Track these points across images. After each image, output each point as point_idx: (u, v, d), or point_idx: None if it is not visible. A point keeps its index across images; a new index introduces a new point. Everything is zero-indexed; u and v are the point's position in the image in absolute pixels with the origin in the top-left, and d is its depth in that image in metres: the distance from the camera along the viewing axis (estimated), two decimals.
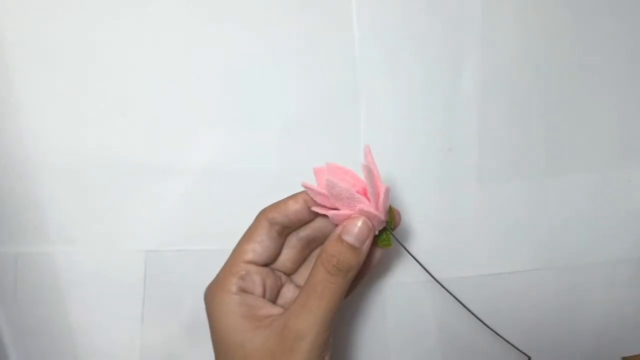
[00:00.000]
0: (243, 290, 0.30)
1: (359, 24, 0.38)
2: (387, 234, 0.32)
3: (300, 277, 0.35)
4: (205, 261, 0.40)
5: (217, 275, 0.32)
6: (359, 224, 0.30)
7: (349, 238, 0.29)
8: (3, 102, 0.37)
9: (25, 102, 0.37)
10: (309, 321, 0.28)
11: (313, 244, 0.34)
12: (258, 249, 0.31)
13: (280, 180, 0.40)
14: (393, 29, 0.38)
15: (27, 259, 0.40)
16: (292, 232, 0.33)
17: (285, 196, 0.34)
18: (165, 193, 0.39)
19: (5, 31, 0.36)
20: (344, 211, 0.30)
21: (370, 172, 0.29)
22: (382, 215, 0.30)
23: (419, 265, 0.34)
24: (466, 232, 0.42)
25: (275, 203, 0.32)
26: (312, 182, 0.32)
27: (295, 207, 0.32)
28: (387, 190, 0.30)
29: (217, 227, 0.40)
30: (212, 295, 0.30)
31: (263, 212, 0.32)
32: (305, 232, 0.33)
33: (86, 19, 0.36)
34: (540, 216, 0.42)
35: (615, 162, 0.42)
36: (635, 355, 0.46)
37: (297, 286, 0.34)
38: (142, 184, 0.39)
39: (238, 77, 0.38)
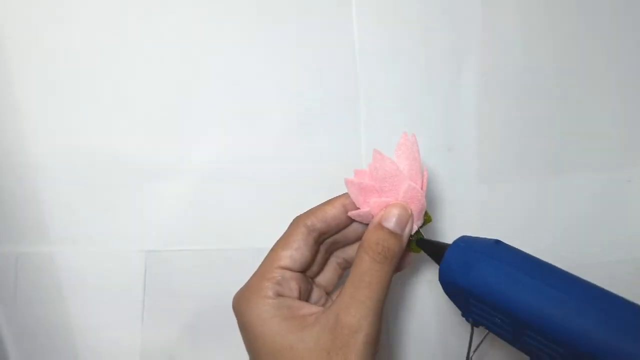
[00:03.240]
0: (280, 295, 0.29)
1: (359, 24, 0.38)
2: (420, 236, 0.32)
3: (323, 279, 0.35)
4: (205, 261, 0.40)
5: (249, 282, 0.30)
6: (397, 210, 0.29)
7: (389, 224, 0.29)
8: (3, 102, 0.37)
9: (25, 102, 0.37)
10: (361, 313, 0.27)
11: (333, 247, 0.34)
12: (295, 255, 0.30)
13: (280, 180, 0.40)
14: (393, 29, 0.38)
15: (27, 259, 0.40)
16: (328, 238, 0.33)
17: (285, 197, 0.34)
18: (165, 193, 0.39)
19: (5, 31, 0.36)
20: (384, 199, 0.30)
21: (416, 148, 0.30)
22: (424, 199, 0.30)
23: (418, 265, 0.34)
24: (465, 232, 0.42)
25: (312, 209, 0.32)
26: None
27: (333, 212, 0.31)
28: (426, 172, 0.31)
29: (217, 227, 0.40)
30: (245, 302, 0.29)
31: (300, 219, 0.31)
32: (332, 236, 0.33)
33: (86, 19, 0.36)
34: (539, 216, 0.42)
35: (615, 162, 0.42)
36: None
37: (319, 288, 0.34)
38: (143, 184, 0.39)
39: (238, 77, 0.38)
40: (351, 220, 0.32)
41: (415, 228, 0.31)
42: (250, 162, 0.39)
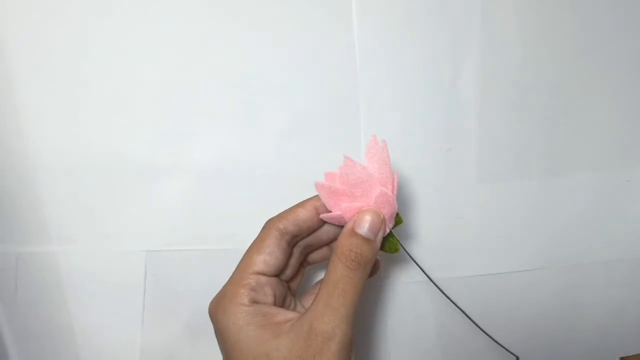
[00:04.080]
0: (255, 302, 0.29)
1: (360, 24, 0.38)
2: (393, 238, 0.32)
3: (295, 283, 0.35)
4: (205, 261, 0.41)
5: (224, 289, 0.31)
6: (370, 216, 0.30)
7: (362, 231, 0.29)
8: (3, 102, 0.37)
9: (26, 102, 0.37)
10: (336, 321, 0.27)
11: (307, 250, 0.34)
12: (269, 260, 0.30)
13: (280, 180, 0.40)
14: (393, 29, 0.38)
15: (27, 259, 0.40)
16: (300, 241, 0.33)
17: (285, 196, 0.34)
18: (165, 193, 0.39)
19: (5, 31, 0.36)
20: (356, 204, 0.30)
21: (386, 152, 0.30)
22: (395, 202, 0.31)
23: (418, 266, 0.34)
24: (465, 232, 0.42)
25: (284, 212, 0.32)
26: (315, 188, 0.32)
27: (305, 214, 0.31)
28: (396, 175, 0.31)
29: (217, 227, 0.40)
30: (222, 309, 0.29)
31: (272, 222, 0.31)
32: (305, 239, 0.33)
33: (86, 19, 0.36)
34: (539, 216, 0.42)
35: (615, 162, 0.42)
36: (633, 356, 0.46)
37: (293, 293, 0.34)
38: (142, 184, 0.39)
39: (238, 78, 0.38)
40: (323, 222, 0.32)
41: (387, 231, 0.31)
42: (250, 162, 0.39)
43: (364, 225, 0.29)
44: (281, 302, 0.32)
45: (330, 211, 0.31)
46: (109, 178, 0.39)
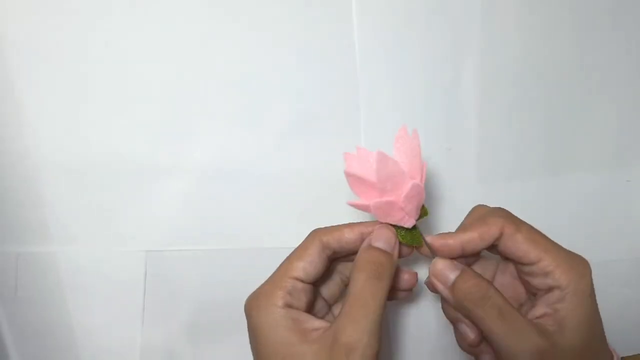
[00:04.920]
0: (289, 305, 0.30)
1: (360, 24, 0.38)
2: (416, 230, 0.32)
3: (327, 291, 0.35)
4: (205, 261, 0.41)
5: (262, 287, 0.31)
6: (386, 230, 0.31)
7: (379, 244, 0.31)
8: (4, 101, 0.37)
9: (26, 102, 0.37)
10: (357, 333, 0.28)
11: (341, 259, 0.35)
12: (308, 268, 0.31)
13: (280, 180, 0.40)
14: (393, 29, 0.38)
15: (28, 259, 0.40)
16: (338, 257, 0.34)
17: (285, 197, 0.34)
18: (165, 193, 0.39)
19: (5, 31, 0.36)
20: (386, 198, 0.30)
21: (416, 142, 0.31)
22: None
23: (418, 266, 0.34)
24: None
25: (331, 228, 0.33)
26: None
27: (350, 237, 0.32)
28: (425, 166, 0.31)
29: (217, 227, 0.40)
30: (257, 307, 0.30)
31: (317, 233, 0.32)
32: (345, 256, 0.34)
33: (87, 18, 0.36)
34: (539, 216, 0.42)
35: (615, 162, 0.42)
36: (635, 355, 0.46)
37: (322, 299, 0.35)
38: (143, 184, 0.39)
39: (238, 78, 0.38)
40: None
41: (412, 222, 0.32)
42: (250, 162, 0.39)
43: (381, 239, 0.31)
44: (311, 308, 0.33)
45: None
46: (109, 178, 0.39)
